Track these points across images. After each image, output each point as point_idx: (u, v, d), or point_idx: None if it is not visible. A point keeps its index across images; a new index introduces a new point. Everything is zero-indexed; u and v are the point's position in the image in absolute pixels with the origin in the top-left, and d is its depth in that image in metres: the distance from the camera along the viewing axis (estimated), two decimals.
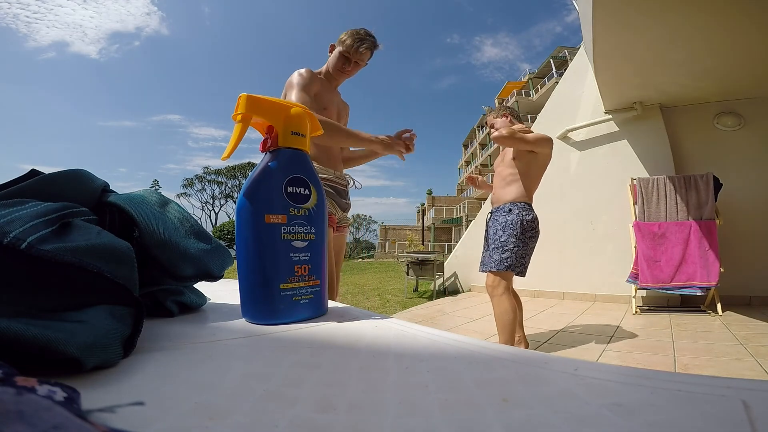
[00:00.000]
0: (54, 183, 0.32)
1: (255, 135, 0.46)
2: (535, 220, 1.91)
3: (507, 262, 1.84)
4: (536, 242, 1.93)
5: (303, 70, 1.33)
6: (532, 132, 2.00)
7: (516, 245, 1.84)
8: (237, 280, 0.40)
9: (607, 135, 4.37)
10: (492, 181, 2.16)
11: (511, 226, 1.86)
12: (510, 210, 1.91)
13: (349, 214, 1.57)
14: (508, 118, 2.04)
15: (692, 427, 0.16)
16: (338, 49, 1.40)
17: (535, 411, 0.17)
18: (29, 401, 0.12)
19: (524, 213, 1.88)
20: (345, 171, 1.53)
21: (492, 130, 2.09)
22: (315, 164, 1.28)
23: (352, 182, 1.52)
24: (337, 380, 0.22)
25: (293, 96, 1.27)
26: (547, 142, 1.93)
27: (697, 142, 4.07)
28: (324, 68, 1.45)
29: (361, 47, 1.37)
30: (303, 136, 0.41)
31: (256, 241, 0.37)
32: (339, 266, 1.55)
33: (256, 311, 0.37)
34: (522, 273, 1.89)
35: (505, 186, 1.99)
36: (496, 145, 2.21)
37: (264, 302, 0.37)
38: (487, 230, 2.01)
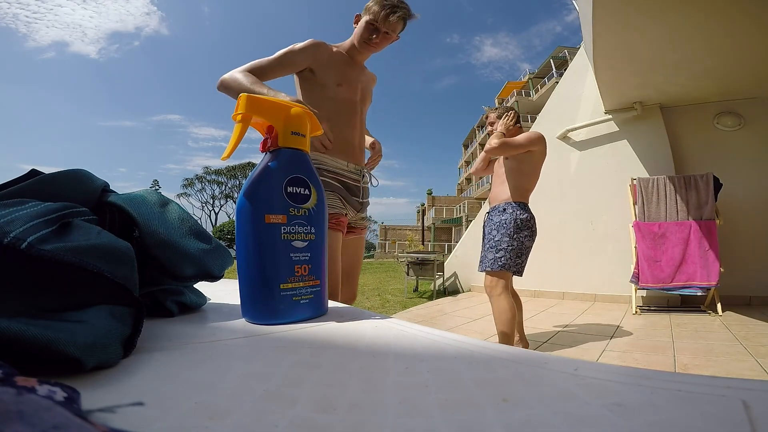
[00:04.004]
0: (54, 183, 0.32)
1: (255, 135, 0.46)
2: (530, 219, 1.91)
3: (501, 261, 1.84)
4: (533, 241, 1.93)
5: (307, 41, 1.16)
6: (521, 133, 2.01)
7: (510, 244, 1.84)
8: (237, 280, 0.40)
9: (607, 135, 4.37)
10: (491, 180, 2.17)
11: (504, 225, 1.87)
12: (504, 209, 1.91)
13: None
14: (512, 116, 2.03)
15: (692, 427, 0.16)
16: (365, 18, 1.19)
17: (535, 411, 0.17)
18: (29, 401, 0.12)
19: (518, 212, 1.88)
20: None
21: (490, 128, 2.09)
22: (322, 154, 1.14)
23: (369, 178, 1.33)
24: (337, 380, 0.22)
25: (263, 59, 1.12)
26: (539, 139, 1.94)
27: (697, 142, 4.07)
28: (347, 42, 1.26)
29: (391, 16, 1.17)
30: (303, 136, 0.41)
31: (256, 241, 0.37)
32: (356, 272, 1.38)
33: (256, 311, 0.37)
34: (518, 272, 1.89)
35: (501, 185, 2.00)
36: None
37: (264, 302, 0.37)
38: (483, 230, 2.03)
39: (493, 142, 1.90)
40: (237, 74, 1.06)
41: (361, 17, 1.22)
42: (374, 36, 1.19)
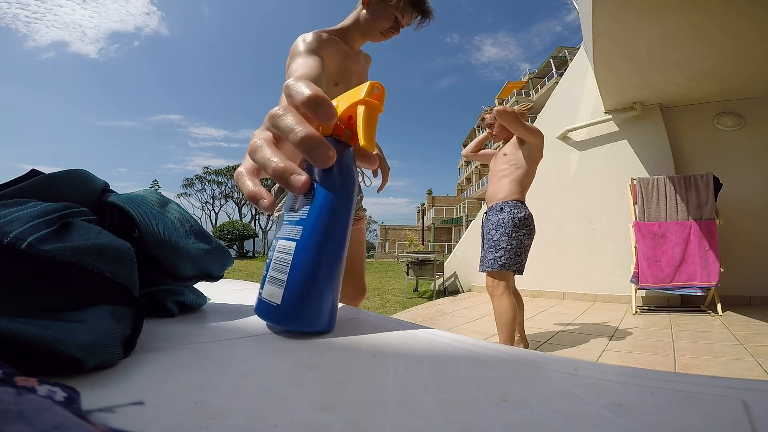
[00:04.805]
0: (54, 183, 0.32)
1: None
2: (528, 216, 1.91)
3: (501, 261, 1.84)
4: (532, 239, 1.94)
5: (309, 35, 1.01)
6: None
7: (509, 243, 1.85)
8: (237, 281, 0.40)
9: (607, 135, 4.37)
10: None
11: (502, 224, 1.88)
12: (501, 209, 1.92)
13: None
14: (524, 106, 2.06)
15: (692, 427, 0.16)
16: (392, 3, 1.03)
17: (535, 411, 0.17)
18: (29, 401, 0.12)
19: (515, 210, 1.89)
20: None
21: (489, 130, 2.10)
22: None
23: (362, 177, 1.27)
24: (337, 380, 0.22)
25: (296, 63, 0.94)
26: (539, 133, 1.97)
27: (697, 142, 4.07)
28: (347, 24, 1.10)
29: (423, 21, 1.07)
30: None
31: (342, 246, 0.31)
32: (360, 263, 1.34)
33: (320, 318, 0.31)
34: (519, 271, 1.89)
35: (497, 183, 2.01)
36: (494, 146, 2.22)
37: (331, 307, 0.32)
38: (482, 230, 2.03)
39: (507, 108, 1.91)
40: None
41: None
42: (392, 30, 1.07)
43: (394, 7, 1.04)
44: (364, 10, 1.08)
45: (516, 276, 1.95)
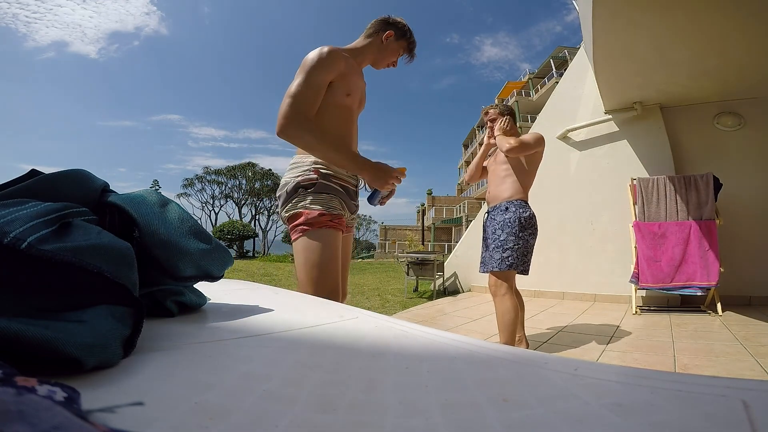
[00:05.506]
0: (54, 183, 0.32)
1: (256, 135, 0.46)
2: (532, 216, 1.91)
3: (509, 261, 1.84)
4: (535, 239, 1.94)
5: (325, 50, 1.15)
6: (520, 135, 2.02)
7: (516, 243, 1.84)
8: (237, 281, 0.40)
9: (607, 135, 4.37)
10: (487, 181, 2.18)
11: (509, 224, 1.86)
12: (507, 208, 1.91)
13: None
14: (507, 120, 2.03)
15: (692, 427, 0.16)
16: (400, 48, 1.34)
17: (535, 411, 0.17)
18: (29, 401, 0.12)
19: (521, 210, 1.88)
20: None
21: (491, 124, 2.08)
22: (329, 163, 1.19)
23: (362, 183, 1.36)
24: (337, 380, 0.22)
25: (297, 80, 1.11)
26: (542, 140, 1.98)
27: (697, 142, 4.07)
28: (359, 46, 1.30)
29: (411, 60, 1.41)
30: None
31: None
32: (347, 268, 1.42)
33: None
34: (525, 271, 1.89)
35: (500, 184, 2.00)
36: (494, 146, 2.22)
37: None
38: (485, 230, 2.02)
39: (510, 141, 1.90)
40: (308, 136, 1.10)
41: (392, 37, 1.31)
42: (394, 64, 1.38)
43: (403, 47, 1.35)
44: (383, 43, 1.33)
45: (519, 275, 1.94)
